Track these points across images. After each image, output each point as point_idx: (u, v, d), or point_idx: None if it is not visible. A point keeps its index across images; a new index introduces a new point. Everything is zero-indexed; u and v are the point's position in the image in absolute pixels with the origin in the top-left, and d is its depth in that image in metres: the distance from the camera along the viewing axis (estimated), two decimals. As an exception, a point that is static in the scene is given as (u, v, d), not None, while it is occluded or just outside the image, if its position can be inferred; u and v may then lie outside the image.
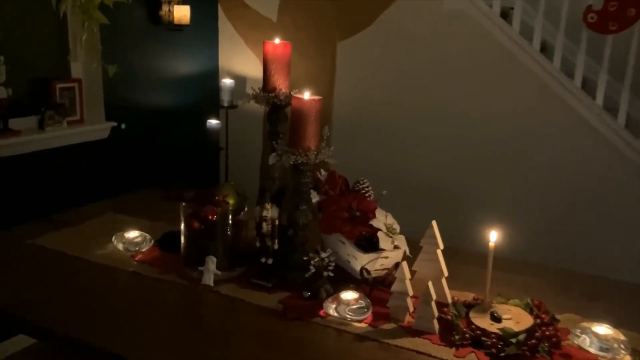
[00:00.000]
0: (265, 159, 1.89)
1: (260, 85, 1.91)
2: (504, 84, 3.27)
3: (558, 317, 1.57)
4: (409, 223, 1.92)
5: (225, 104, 3.86)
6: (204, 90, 4.03)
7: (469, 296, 1.69)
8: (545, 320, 1.53)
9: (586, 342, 1.47)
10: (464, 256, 1.99)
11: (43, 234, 2.10)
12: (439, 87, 3.44)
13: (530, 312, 1.57)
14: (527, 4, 3.41)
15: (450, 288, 1.68)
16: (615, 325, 1.52)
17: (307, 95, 1.70)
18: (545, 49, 3.36)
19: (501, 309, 1.58)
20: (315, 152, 1.70)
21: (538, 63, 3.16)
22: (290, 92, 1.87)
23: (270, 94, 1.86)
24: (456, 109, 3.40)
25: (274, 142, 1.87)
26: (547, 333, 1.47)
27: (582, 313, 1.64)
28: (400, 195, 2.82)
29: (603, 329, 1.49)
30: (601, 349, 1.45)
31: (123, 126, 3.30)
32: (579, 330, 1.51)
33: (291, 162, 1.70)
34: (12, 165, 2.84)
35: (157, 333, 1.52)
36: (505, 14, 3.38)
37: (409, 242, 1.80)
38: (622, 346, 1.46)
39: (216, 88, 4.04)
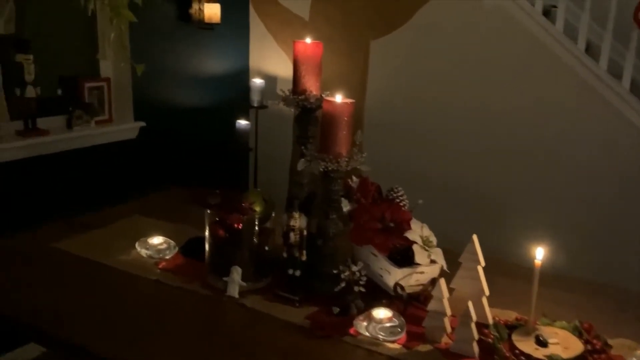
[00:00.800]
0: (295, 162, 1.80)
1: (291, 86, 1.82)
2: (546, 84, 3.12)
3: (610, 342, 1.44)
4: (446, 234, 1.80)
5: (255, 104, 3.80)
6: (234, 90, 3.97)
7: (511, 315, 1.57)
8: (597, 346, 1.40)
9: (643, 373, 1.34)
10: (505, 269, 1.86)
11: (67, 236, 2.04)
12: (478, 88, 3.29)
13: (579, 336, 1.45)
14: (570, 1, 3.25)
15: (490, 305, 1.56)
16: (676, 354, 1.38)
17: (338, 98, 1.60)
18: (589, 49, 3.20)
19: (547, 331, 1.45)
20: (346, 159, 1.60)
21: (583, 64, 3.00)
22: (321, 95, 1.78)
23: (300, 97, 1.77)
24: (496, 111, 3.26)
25: (303, 147, 1.77)
26: (599, 361, 1.35)
27: (638, 339, 1.50)
28: (438, 204, 2.70)
29: (662, 359, 1.36)
30: (660, 381, 1.32)
31: None
32: (634, 359, 1.38)
33: (321, 169, 1.61)
34: (39, 165, 2.81)
35: (177, 346, 1.44)
36: (548, 12, 3.23)
37: (447, 255, 1.68)
38: (684, 379, 1.32)
39: (246, 88, 3.96)
